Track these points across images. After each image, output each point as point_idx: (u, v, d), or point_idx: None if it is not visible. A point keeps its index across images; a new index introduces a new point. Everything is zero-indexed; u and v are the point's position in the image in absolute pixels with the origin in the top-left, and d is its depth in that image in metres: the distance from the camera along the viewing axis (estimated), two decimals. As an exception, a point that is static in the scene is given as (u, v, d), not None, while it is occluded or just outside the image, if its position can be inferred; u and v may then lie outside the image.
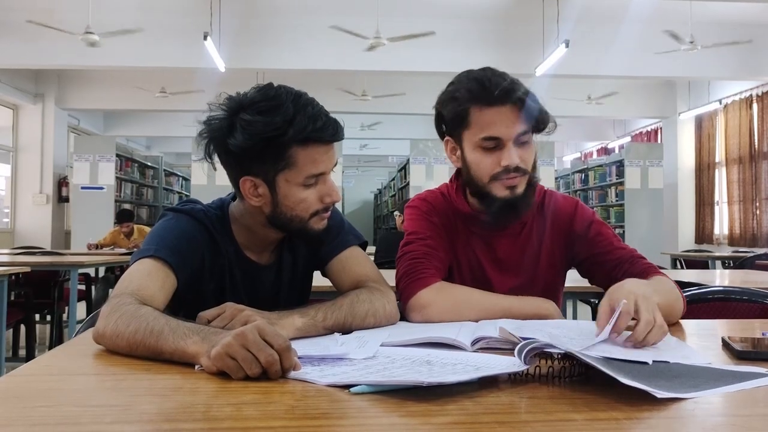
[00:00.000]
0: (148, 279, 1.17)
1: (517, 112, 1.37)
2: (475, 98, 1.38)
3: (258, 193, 1.27)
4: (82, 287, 5.14)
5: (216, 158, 1.29)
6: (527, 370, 0.84)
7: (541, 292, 1.45)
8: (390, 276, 1.47)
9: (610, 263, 1.47)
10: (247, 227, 1.36)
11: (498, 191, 1.42)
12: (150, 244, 1.25)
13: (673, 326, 1.27)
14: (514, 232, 1.52)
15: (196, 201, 1.40)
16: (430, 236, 1.48)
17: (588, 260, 1.52)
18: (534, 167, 1.45)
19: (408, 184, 10.21)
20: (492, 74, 1.40)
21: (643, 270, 1.42)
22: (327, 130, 1.23)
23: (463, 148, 1.44)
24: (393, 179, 14.29)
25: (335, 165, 1.30)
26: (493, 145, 1.39)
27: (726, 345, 1.03)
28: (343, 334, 1.17)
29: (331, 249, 1.42)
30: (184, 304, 1.27)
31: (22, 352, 4.41)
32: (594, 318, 1.40)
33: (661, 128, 11.32)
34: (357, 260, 1.43)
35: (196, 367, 0.90)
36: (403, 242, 1.50)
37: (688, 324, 1.35)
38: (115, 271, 6.16)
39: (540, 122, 1.41)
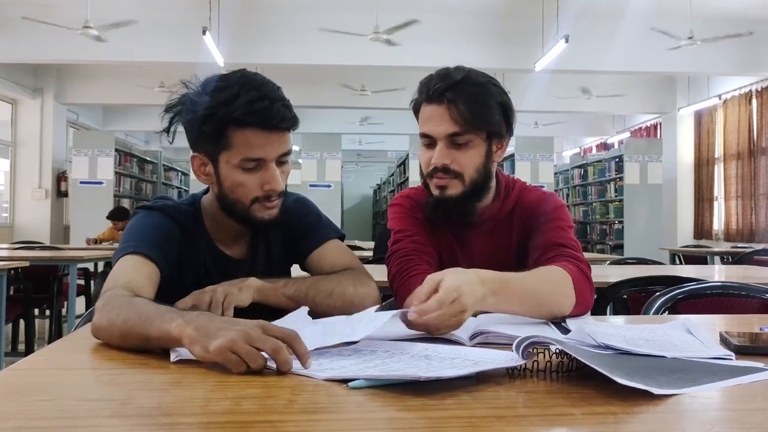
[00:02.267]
0: (135, 272, 1.19)
1: (449, 112, 1.35)
2: (421, 95, 1.40)
3: (206, 171, 1.31)
4: (81, 282, 5.13)
5: (181, 136, 1.34)
6: (525, 364, 0.84)
7: None
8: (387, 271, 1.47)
9: (533, 246, 1.42)
10: (214, 217, 1.38)
11: (433, 189, 1.43)
12: (129, 241, 1.26)
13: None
14: (488, 230, 1.49)
15: (167, 198, 1.43)
16: (416, 233, 1.48)
17: (527, 246, 1.45)
18: (485, 174, 1.42)
19: (407, 179, 10.20)
20: (446, 72, 1.38)
21: (549, 259, 1.34)
22: (264, 115, 1.22)
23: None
24: (392, 174, 14.28)
25: (286, 155, 1.30)
26: (428, 142, 1.40)
27: (724, 340, 1.03)
28: (309, 310, 1.19)
29: (310, 243, 1.44)
30: (166, 299, 1.27)
31: (21, 347, 4.41)
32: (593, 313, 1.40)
33: (660, 124, 11.32)
34: (337, 252, 1.45)
35: (173, 356, 0.90)
36: (391, 241, 1.49)
37: (687, 319, 1.35)
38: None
39: (486, 127, 1.38)
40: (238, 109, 1.21)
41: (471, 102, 1.35)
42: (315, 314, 1.25)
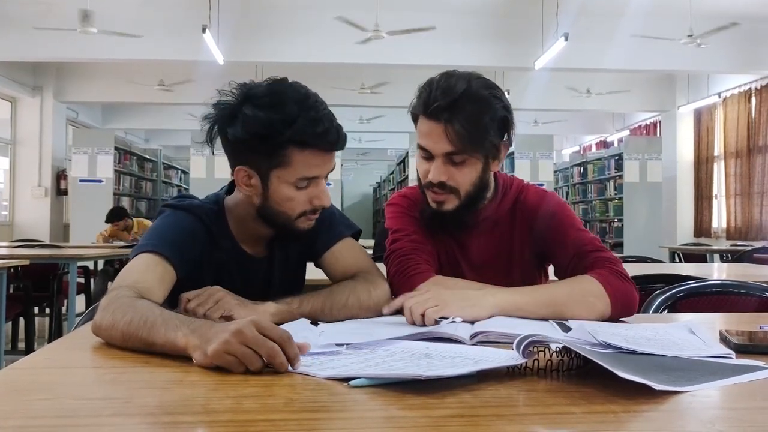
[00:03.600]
0: (147, 272, 1.19)
1: (446, 133, 1.33)
2: (420, 106, 1.38)
3: (250, 183, 1.30)
4: (81, 280, 5.12)
5: (217, 143, 1.31)
6: (525, 363, 0.84)
7: None
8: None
9: (561, 256, 1.43)
10: (240, 218, 1.38)
11: (429, 201, 1.43)
12: (149, 239, 1.26)
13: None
14: (486, 229, 1.49)
15: (192, 196, 1.43)
16: (414, 231, 1.48)
17: (548, 254, 1.48)
18: (481, 186, 1.42)
19: (407, 177, 10.20)
20: (446, 84, 1.34)
21: (588, 265, 1.35)
22: (327, 137, 1.24)
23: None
24: (392, 173, 14.28)
25: (332, 170, 1.31)
26: (426, 155, 1.40)
27: (723, 338, 1.03)
28: (325, 322, 1.21)
29: (324, 241, 1.44)
30: None
31: (22, 345, 4.40)
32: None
33: (660, 122, 11.30)
34: (350, 252, 1.45)
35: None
36: (389, 240, 1.49)
37: (686, 318, 1.35)
38: (114, 264, 6.14)
39: (483, 149, 1.37)
40: (300, 132, 1.21)
41: (469, 123, 1.32)
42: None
